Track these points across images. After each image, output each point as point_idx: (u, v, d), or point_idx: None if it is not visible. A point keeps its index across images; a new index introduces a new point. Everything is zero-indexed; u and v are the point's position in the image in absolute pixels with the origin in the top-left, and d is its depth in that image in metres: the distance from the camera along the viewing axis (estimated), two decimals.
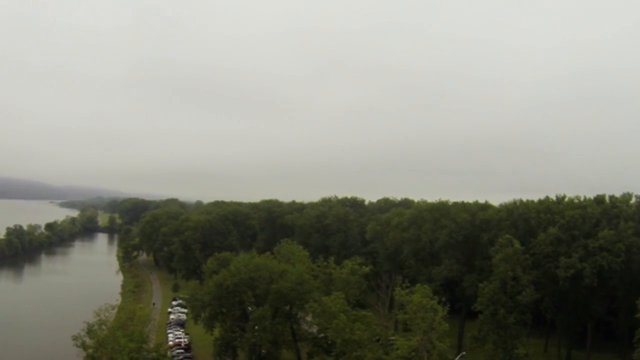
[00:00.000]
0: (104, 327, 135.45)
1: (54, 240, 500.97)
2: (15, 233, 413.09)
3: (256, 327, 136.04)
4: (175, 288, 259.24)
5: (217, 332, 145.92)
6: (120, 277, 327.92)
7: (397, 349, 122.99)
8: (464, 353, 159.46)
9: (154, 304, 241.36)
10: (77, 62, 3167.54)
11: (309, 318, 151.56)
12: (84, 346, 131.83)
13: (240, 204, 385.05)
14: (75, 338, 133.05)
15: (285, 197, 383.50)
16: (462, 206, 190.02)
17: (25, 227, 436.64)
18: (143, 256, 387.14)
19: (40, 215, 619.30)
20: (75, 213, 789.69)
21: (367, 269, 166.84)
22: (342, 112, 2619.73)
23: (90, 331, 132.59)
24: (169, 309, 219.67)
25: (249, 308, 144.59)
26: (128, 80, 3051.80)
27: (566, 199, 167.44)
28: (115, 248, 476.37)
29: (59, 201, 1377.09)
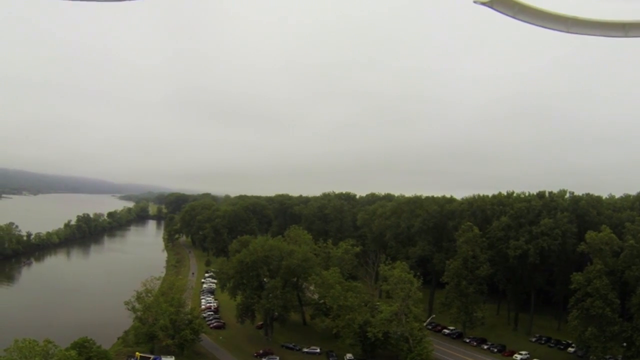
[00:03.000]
0: (149, 294, 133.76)
1: (114, 225, 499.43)
2: (84, 220, 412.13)
3: (270, 295, 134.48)
4: (208, 263, 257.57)
5: (239, 298, 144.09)
6: (165, 254, 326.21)
7: (381, 312, 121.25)
8: (434, 316, 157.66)
9: (193, 273, 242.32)
10: (128, 89, 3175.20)
11: (311, 287, 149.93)
12: (133, 309, 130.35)
13: (259, 197, 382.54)
14: (127, 303, 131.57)
15: (294, 192, 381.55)
16: (432, 199, 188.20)
17: (91, 215, 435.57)
18: (183, 238, 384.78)
19: (104, 206, 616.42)
20: (131, 204, 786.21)
21: (357, 249, 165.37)
22: (332, 127, 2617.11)
23: (138, 298, 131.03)
24: (202, 280, 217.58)
25: (264, 280, 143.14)
26: (168, 102, 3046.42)
27: (514, 194, 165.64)
28: (161, 232, 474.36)
29: (119, 195, 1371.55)
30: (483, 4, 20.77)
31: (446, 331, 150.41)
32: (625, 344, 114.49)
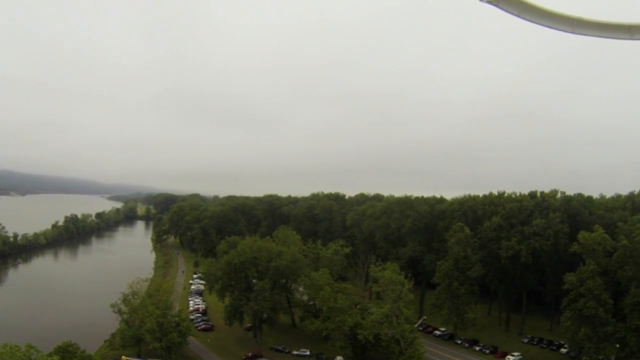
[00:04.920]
0: (136, 296, 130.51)
1: (102, 226, 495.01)
2: (72, 220, 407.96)
3: (258, 297, 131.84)
4: (196, 264, 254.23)
5: (227, 300, 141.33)
6: (153, 255, 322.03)
7: (372, 314, 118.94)
8: (425, 317, 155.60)
9: (183, 272, 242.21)
10: (117, 90, 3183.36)
11: (301, 289, 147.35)
12: (120, 312, 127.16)
13: (247, 198, 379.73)
14: (113, 305, 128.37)
15: (283, 192, 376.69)
16: (423, 200, 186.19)
17: (79, 216, 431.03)
18: (171, 239, 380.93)
19: (92, 206, 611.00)
20: (119, 205, 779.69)
21: (347, 250, 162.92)
22: (321, 128, 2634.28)
23: (125, 300, 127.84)
24: (190, 281, 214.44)
25: (253, 281, 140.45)
26: (156, 103, 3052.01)
27: (506, 194, 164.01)
28: (149, 232, 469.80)
29: (108, 195, 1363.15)
30: (489, 2, 20.80)
31: (437, 332, 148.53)
32: (618, 345, 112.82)
